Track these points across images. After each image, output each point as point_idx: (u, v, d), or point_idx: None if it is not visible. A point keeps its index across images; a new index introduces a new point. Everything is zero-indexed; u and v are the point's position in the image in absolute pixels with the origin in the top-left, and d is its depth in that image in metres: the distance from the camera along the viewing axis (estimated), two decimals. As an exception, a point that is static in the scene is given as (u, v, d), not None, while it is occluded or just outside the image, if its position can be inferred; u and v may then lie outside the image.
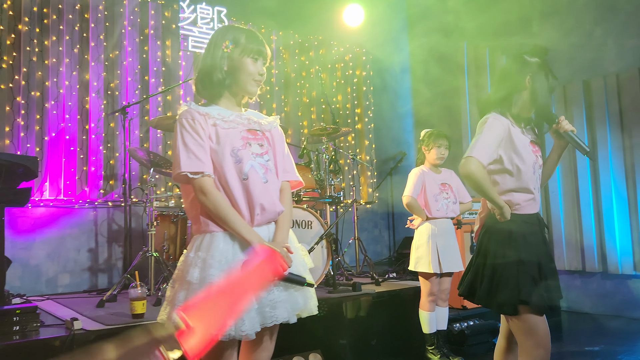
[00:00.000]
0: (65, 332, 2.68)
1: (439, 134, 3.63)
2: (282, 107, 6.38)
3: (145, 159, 4.24)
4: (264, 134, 1.81)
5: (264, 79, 1.82)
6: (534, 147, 2.15)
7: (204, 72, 1.77)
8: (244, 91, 1.80)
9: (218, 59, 1.75)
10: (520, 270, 1.99)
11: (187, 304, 1.51)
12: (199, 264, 1.62)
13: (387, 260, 6.82)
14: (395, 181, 7.18)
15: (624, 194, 5.05)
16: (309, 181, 4.52)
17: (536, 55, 2.11)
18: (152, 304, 3.46)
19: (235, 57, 1.75)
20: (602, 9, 5.41)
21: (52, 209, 4.81)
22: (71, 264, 4.83)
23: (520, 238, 2.04)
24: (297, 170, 1.96)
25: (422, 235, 3.59)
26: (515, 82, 2.11)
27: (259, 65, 1.78)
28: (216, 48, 1.76)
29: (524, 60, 2.11)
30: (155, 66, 5.45)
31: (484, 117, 2.12)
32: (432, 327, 3.54)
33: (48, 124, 4.83)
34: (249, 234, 1.66)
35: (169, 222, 4.37)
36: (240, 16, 6.11)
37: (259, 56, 1.78)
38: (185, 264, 1.67)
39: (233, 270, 1.60)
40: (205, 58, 1.78)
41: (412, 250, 3.65)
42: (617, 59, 5.26)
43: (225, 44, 1.75)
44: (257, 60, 1.78)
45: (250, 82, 1.77)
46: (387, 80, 7.48)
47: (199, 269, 1.62)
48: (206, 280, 1.59)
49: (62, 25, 4.97)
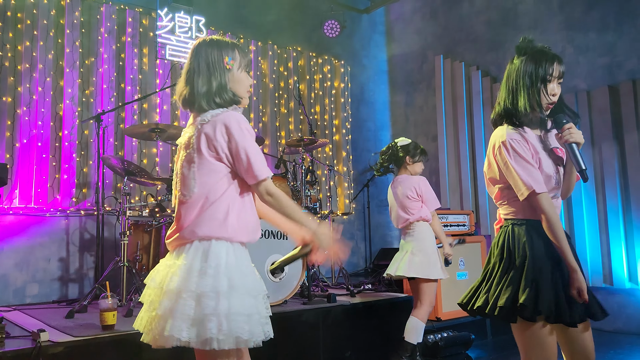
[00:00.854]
0: (32, 344, 2.61)
1: (425, 151, 3.75)
2: (260, 118, 6.37)
3: (119, 167, 4.18)
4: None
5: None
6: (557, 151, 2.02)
7: (213, 92, 1.76)
8: (240, 104, 1.84)
9: (223, 77, 1.79)
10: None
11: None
12: (231, 273, 1.66)
13: (363, 271, 6.83)
14: (372, 192, 7.22)
15: (594, 209, 5.17)
16: (286, 192, 4.51)
17: (522, 53, 2.01)
18: (122, 315, 3.40)
19: (234, 72, 1.82)
20: (573, 28, 5.57)
21: (21, 217, 4.70)
22: (40, 274, 4.72)
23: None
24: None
25: (426, 240, 3.48)
26: (513, 88, 1.99)
27: (249, 76, 1.89)
28: (218, 65, 1.79)
29: (513, 62, 2.02)
30: (131, 74, 5.40)
31: (499, 141, 1.96)
32: (419, 338, 3.43)
33: (19, 130, 4.73)
34: (309, 221, 1.75)
35: (143, 231, 4.31)
36: (219, 26, 6.11)
37: (249, 68, 1.90)
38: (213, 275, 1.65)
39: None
40: (209, 76, 1.77)
41: (410, 255, 3.46)
42: (588, 76, 5.41)
43: (225, 60, 1.80)
44: (249, 72, 1.87)
45: (246, 94, 1.86)
46: (365, 92, 7.55)
47: (228, 278, 1.65)
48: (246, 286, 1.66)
49: (36, 30, 4.89)
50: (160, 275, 1.72)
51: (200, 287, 1.61)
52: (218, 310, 1.59)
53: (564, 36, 5.64)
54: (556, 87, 1.98)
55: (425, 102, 7.24)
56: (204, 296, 1.60)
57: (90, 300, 3.80)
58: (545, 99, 1.96)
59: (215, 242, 1.68)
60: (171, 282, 1.64)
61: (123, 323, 3.15)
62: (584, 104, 5.30)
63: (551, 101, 1.97)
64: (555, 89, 1.97)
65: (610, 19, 5.27)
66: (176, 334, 1.58)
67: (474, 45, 6.59)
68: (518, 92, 1.97)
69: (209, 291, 1.61)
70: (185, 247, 1.70)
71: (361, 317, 3.88)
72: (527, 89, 1.95)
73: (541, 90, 1.95)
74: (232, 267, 1.67)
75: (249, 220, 1.77)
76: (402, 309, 4.09)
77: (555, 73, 1.96)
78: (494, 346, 4.60)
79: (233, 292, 1.63)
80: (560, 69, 1.97)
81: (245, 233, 1.75)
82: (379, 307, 4.01)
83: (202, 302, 1.60)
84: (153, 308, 1.68)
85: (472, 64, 6.54)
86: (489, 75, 6.33)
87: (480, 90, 6.38)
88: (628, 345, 4.48)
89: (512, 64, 2.03)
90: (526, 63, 1.97)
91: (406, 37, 7.60)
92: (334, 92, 7.18)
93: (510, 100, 1.99)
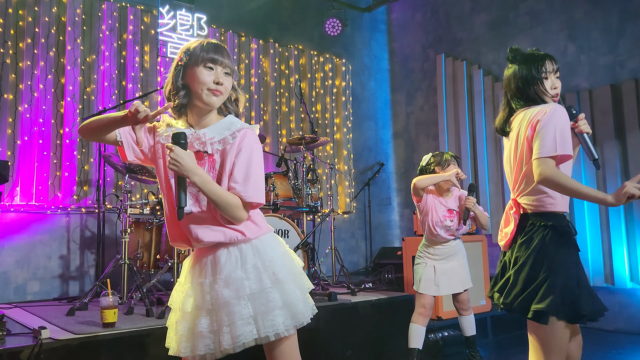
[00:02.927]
0: (32, 341, 2.61)
1: (453, 155, 3.57)
2: (261, 116, 6.37)
3: (120, 165, 4.18)
4: (209, 157, 1.69)
5: (226, 90, 1.71)
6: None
7: (164, 92, 1.76)
8: (202, 103, 1.69)
9: (173, 74, 1.71)
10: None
11: None
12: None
13: (363, 270, 6.82)
14: (373, 191, 7.22)
15: (595, 208, 5.16)
16: (287, 190, 4.51)
17: (514, 62, 2.14)
18: (123, 313, 3.39)
19: (188, 68, 1.68)
20: (575, 27, 5.55)
21: (22, 214, 4.70)
22: (41, 271, 4.72)
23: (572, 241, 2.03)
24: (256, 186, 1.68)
25: (419, 255, 3.57)
26: (516, 91, 2.11)
27: (215, 74, 1.67)
28: (174, 63, 1.73)
29: (508, 70, 2.16)
30: (133, 71, 5.40)
31: (547, 108, 1.98)
32: (420, 342, 3.43)
33: (21, 128, 4.73)
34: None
35: (144, 229, 4.31)
36: (220, 23, 6.11)
37: (214, 64, 1.67)
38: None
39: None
40: (167, 76, 1.75)
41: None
42: (590, 76, 5.39)
43: (180, 57, 1.71)
44: (211, 69, 1.67)
45: (205, 92, 1.66)
46: (366, 91, 7.54)
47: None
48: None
49: (37, 27, 4.89)
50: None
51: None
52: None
53: (566, 35, 5.62)
54: (556, 81, 2.10)
55: (426, 101, 7.23)
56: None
57: (91, 298, 3.80)
58: (547, 95, 2.08)
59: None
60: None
61: (124, 321, 3.14)
62: (586, 103, 5.28)
63: (554, 94, 2.09)
64: (555, 83, 2.10)
65: (613, 18, 5.26)
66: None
67: (476, 44, 6.57)
68: (522, 95, 2.11)
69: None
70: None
71: (362, 315, 3.87)
72: (530, 91, 2.08)
73: (539, 89, 2.08)
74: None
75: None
76: (402, 307, 4.08)
77: (549, 68, 2.09)
78: (495, 345, 4.59)
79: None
80: (554, 64, 2.10)
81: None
82: (380, 305, 4.01)
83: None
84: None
85: (473, 63, 6.53)
86: (491, 74, 6.31)
87: (481, 89, 6.37)
88: (629, 345, 4.47)
89: (507, 72, 2.17)
90: (520, 69, 2.11)
91: (407, 35, 7.58)
92: (335, 90, 7.17)
93: (520, 97, 2.10)
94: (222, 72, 1.69)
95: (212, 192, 1.61)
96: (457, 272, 3.54)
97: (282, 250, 1.77)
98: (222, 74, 1.69)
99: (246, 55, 6.33)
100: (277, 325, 1.62)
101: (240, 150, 1.67)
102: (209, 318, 1.64)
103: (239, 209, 1.64)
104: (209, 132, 1.71)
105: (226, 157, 1.67)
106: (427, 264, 3.52)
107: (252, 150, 1.67)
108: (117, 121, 1.64)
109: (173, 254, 3.91)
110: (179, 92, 1.70)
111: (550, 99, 2.08)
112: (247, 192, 1.64)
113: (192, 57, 1.68)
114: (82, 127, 1.72)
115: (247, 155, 1.66)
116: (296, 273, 1.75)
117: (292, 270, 1.74)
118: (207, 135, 1.70)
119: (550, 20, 5.77)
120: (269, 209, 4.24)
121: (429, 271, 3.49)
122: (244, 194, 1.64)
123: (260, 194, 1.68)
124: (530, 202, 2.05)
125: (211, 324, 1.64)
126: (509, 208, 2.15)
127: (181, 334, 1.67)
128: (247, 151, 1.67)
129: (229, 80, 1.71)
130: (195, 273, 1.72)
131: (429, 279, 3.49)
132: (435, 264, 3.52)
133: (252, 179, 1.65)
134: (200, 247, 1.73)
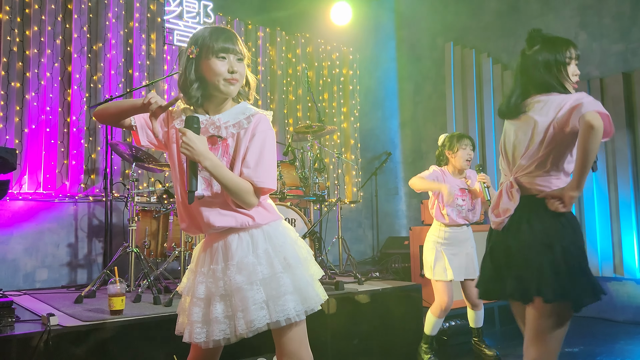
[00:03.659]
0: (41, 328, 2.62)
1: (462, 135, 3.59)
2: (268, 104, 6.34)
3: (127, 154, 4.18)
4: (223, 142, 1.70)
5: (241, 76, 1.72)
6: None
7: (179, 85, 1.76)
8: (219, 93, 1.70)
9: (185, 67, 1.71)
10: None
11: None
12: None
13: (370, 259, 6.82)
14: (380, 181, 7.19)
15: (605, 198, 5.11)
16: (294, 179, 4.49)
17: (534, 44, 2.11)
18: (131, 300, 3.41)
19: (201, 60, 1.68)
20: (587, 14, 5.47)
21: (31, 202, 4.71)
22: (50, 259, 4.75)
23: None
24: (269, 172, 1.70)
25: (428, 241, 3.58)
26: (534, 79, 2.09)
27: (228, 63, 1.68)
28: (184, 56, 1.73)
29: (525, 54, 2.13)
30: (139, 59, 5.38)
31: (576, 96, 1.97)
32: (433, 331, 3.60)
33: (28, 116, 4.73)
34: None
35: (151, 217, 4.32)
36: (227, 11, 6.06)
37: (226, 53, 1.67)
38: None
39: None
40: (179, 69, 1.76)
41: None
42: (601, 64, 5.32)
43: (190, 49, 1.71)
44: (224, 58, 1.68)
45: (221, 82, 1.67)
46: (374, 80, 7.49)
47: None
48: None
49: (44, 15, 4.87)
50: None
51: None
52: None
53: (577, 22, 5.54)
54: (576, 69, 2.07)
55: (434, 90, 7.16)
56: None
57: (98, 286, 3.82)
58: (569, 81, 2.05)
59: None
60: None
61: (131, 308, 3.15)
62: (597, 92, 5.21)
63: (575, 81, 2.07)
64: (577, 70, 2.07)
65: (626, 5, 5.17)
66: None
67: (485, 32, 6.49)
68: (541, 78, 2.05)
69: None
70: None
71: (369, 305, 3.87)
72: (550, 75, 2.04)
73: (562, 74, 2.04)
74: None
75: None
76: (409, 297, 4.07)
77: (573, 55, 2.06)
78: (503, 335, 4.58)
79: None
80: (576, 50, 2.07)
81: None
82: (387, 295, 4.00)
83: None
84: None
85: (482, 51, 6.45)
86: (500, 63, 6.24)
87: (490, 78, 6.30)
88: (638, 335, 4.45)
89: (525, 56, 2.10)
90: (541, 52, 2.06)
91: (416, 24, 7.50)
92: (343, 79, 7.12)
93: (539, 81, 2.05)
94: (235, 59, 1.70)
95: (224, 176, 1.62)
96: (466, 260, 3.52)
97: (293, 236, 1.77)
98: (235, 61, 1.70)
99: (253, 44, 6.29)
100: (289, 310, 1.63)
101: (254, 135, 1.69)
102: (224, 303, 1.65)
103: (250, 194, 1.65)
104: (224, 117, 1.73)
105: (240, 141, 1.69)
106: (435, 249, 3.52)
107: (265, 137, 1.70)
108: (137, 107, 1.67)
109: (180, 242, 3.91)
110: (192, 84, 1.70)
111: (570, 85, 2.05)
112: (259, 177, 1.65)
113: (203, 48, 1.68)
114: (100, 110, 1.74)
115: (260, 141, 1.68)
116: (306, 259, 1.75)
117: (303, 256, 1.74)
118: (222, 120, 1.72)
119: (562, 7, 5.69)
120: (276, 197, 4.23)
121: (439, 257, 3.48)
122: (255, 179, 1.65)
123: (272, 179, 1.68)
124: (540, 183, 2.03)
125: (226, 309, 1.65)
126: (509, 187, 2.10)
127: (194, 319, 1.67)
128: (261, 137, 1.69)
129: (242, 66, 1.73)
130: (206, 259, 1.72)
131: (440, 265, 3.48)
132: (444, 249, 3.50)
133: (264, 165, 1.67)
134: (211, 233, 1.73)
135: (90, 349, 2.66)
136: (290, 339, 1.68)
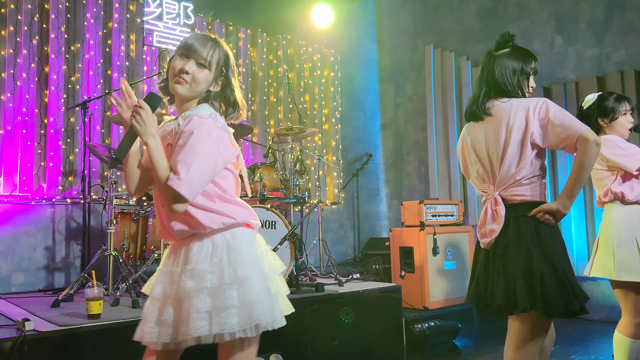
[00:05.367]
0: (16, 333, 2.58)
1: (621, 96, 2.75)
2: (249, 106, 6.33)
3: (105, 156, 4.14)
4: (166, 148, 1.65)
5: (194, 80, 1.66)
6: None
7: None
8: (173, 91, 1.70)
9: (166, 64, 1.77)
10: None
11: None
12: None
13: (351, 260, 6.84)
14: (362, 182, 7.22)
15: (580, 199, 5.21)
16: (274, 181, 4.49)
17: (505, 47, 2.18)
18: (109, 304, 3.37)
19: (171, 58, 1.72)
20: (563, 19, 5.57)
21: (6, 205, 4.64)
22: (26, 262, 4.67)
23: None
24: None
25: (621, 227, 2.58)
26: (500, 79, 2.14)
27: (184, 63, 1.65)
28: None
29: (493, 55, 2.20)
30: (118, 60, 5.33)
31: (541, 101, 2.02)
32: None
33: (4, 117, 4.66)
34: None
35: (130, 220, 4.28)
36: (207, 12, 6.03)
37: (188, 53, 1.65)
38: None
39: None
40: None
41: (598, 248, 2.67)
42: (577, 67, 5.42)
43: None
44: (185, 58, 1.66)
45: (173, 79, 1.66)
46: (355, 82, 7.52)
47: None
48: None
49: (20, 15, 4.80)
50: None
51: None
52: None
53: (553, 27, 5.64)
54: (534, 82, 2.18)
55: (415, 91, 7.23)
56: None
57: (76, 289, 3.77)
58: (527, 91, 2.14)
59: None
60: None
61: (109, 312, 3.12)
62: (572, 95, 5.31)
63: (530, 92, 2.17)
64: (534, 83, 2.18)
65: (600, 10, 5.28)
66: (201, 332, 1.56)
67: (464, 35, 6.57)
68: (505, 83, 2.10)
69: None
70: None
71: (349, 306, 3.89)
72: (514, 80, 2.10)
73: (524, 84, 2.12)
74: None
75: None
76: (389, 298, 4.11)
77: (535, 69, 2.15)
78: (481, 335, 4.64)
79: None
80: (537, 65, 2.17)
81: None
82: (367, 297, 4.03)
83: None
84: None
85: (462, 54, 6.53)
86: (479, 66, 6.31)
87: (470, 81, 6.38)
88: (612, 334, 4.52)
89: (493, 57, 2.15)
90: (510, 58, 2.11)
91: (396, 26, 7.56)
92: (324, 81, 7.14)
93: (501, 85, 2.11)
94: (194, 63, 1.66)
95: (160, 163, 1.55)
96: None
97: (258, 249, 1.69)
98: (194, 64, 1.66)
99: (234, 45, 6.27)
100: (231, 324, 1.54)
101: (180, 137, 1.59)
102: (173, 307, 1.62)
103: (173, 197, 1.54)
104: (172, 123, 1.69)
105: (175, 145, 1.61)
106: (637, 240, 2.54)
107: (189, 137, 1.56)
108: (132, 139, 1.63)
109: (159, 245, 3.89)
110: (165, 81, 1.75)
111: (526, 95, 2.14)
112: (176, 180, 1.52)
113: (176, 47, 1.73)
114: (133, 189, 1.75)
115: (182, 141, 1.57)
116: (267, 274, 1.66)
117: (263, 271, 1.65)
118: (170, 127, 1.69)
119: (539, 11, 5.79)
120: (256, 199, 4.23)
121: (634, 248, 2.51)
122: (170, 181, 1.52)
123: (186, 184, 1.51)
124: (520, 193, 2.02)
125: (175, 313, 1.61)
126: (494, 204, 2.05)
127: (148, 319, 1.65)
128: (185, 136, 1.57)
129: (201, 72, 1.67)
130: (169, 261, 1.71)
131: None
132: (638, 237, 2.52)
133: (184, 165, 1.53)
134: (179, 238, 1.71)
135: (67, 354, 2.63)
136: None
